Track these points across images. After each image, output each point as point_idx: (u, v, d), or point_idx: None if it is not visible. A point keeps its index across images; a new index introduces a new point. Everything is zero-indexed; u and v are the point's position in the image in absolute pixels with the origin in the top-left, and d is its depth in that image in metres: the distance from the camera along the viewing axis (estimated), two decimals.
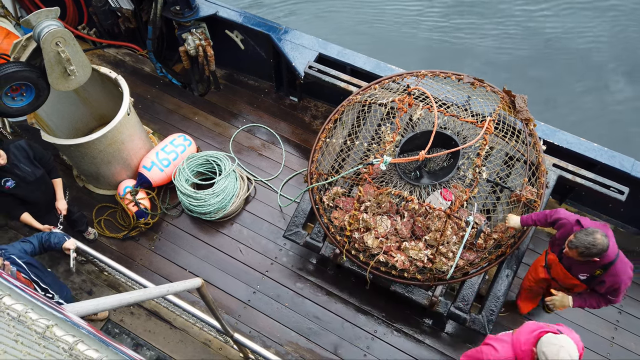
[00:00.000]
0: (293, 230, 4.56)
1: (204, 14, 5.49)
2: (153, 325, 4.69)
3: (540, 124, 4.67)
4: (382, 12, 8.43)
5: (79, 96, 5.35)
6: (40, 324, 1.31)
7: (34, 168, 4.12)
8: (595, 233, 3.23)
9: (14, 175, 3.99)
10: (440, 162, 4.29)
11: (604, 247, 3.24)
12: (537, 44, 7.84)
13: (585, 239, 3.24)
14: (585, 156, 4.60)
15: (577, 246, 3.26)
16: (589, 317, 4.65)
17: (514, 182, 4.07)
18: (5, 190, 3.99)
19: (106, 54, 6.52)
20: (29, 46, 4.01)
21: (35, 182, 4.14)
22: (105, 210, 5.34)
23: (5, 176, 3.96)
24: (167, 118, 6.00)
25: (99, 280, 4.94)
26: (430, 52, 7.92)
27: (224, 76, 6.36)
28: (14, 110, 4.05)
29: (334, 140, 4.44)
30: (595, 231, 3.25)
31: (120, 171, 5.17)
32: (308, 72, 5.14)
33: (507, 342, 2.96)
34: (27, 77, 3.91)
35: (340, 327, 4.67)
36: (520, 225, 3.78)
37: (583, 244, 3.24)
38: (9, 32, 5.50)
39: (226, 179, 5.15)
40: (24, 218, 4.20)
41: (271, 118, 5.98)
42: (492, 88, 4.22)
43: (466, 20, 8.22)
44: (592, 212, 5.21)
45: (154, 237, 5.21)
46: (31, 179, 4.09)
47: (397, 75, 4.56)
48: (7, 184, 3.97)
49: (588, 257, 3.30)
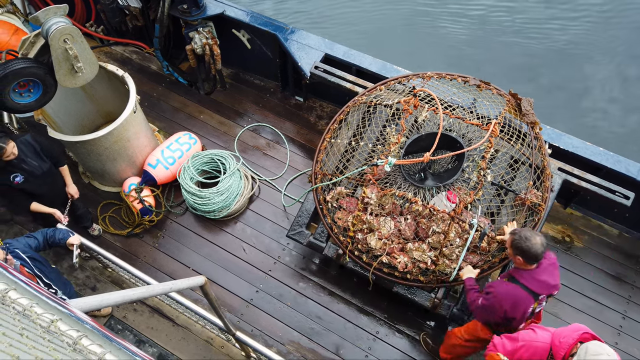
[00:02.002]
0: (296, 230, 4.57)
1: (211, 13, 5.50)
2: (156, 322, 4.71)
3: (546, 127, 4.66)
4: (386, 12, 8.42)
5: (86, 93, 5.38)
6: (45, 319, 1.32)
7: (41, 162, 4.16)
8: (531, 236, 3.11)
9: (22, 170, 4.03)
10: (445, 164, 4.29)
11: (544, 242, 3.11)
12: (544, 48, 7.82)
13: (531, 240, 3.08)
14: (591, 160, 4.58)
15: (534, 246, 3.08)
16: (591, 321, 4.63)
17: (518, 185, 4.06)
18: (15, 186, 4.03)
19: (113, 52, 6.55)
20: (37, 43, 4.03)
21: (42, 175, 4.18)
22: (110, 207, 5.36)
23: (14, 171, 3.99)
24: (173, 116, 6.02)
25: (103, 277, 4.96)
26: (437, 54, 7.91)
27: (230, 75, 6.38)
28: (22, 106, 4.07)
29: (338, 141, 4.44)
30: (529, 235, 3.12)
31: (126, 168, 5.19)
32: (314, 72, 5.15)
33: (548, 331, 2.98)
34: (34, 74, 3.93)
35: (342, 328, 4.67)
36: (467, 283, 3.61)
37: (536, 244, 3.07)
38: (18, 29, 5.54)
39: (230, 177, 5.17)
40: (33, 207, 4.24)
41: (276, 118, 5.99)
42: (498, 91, 4.22)
43: (471, 21, 8.21)
44: (597, 217, 5.19)
45: (158, 235, 5.23)
46: (39, 173, 4.13)
47: (403, 76, 4.56)
48: (16, 179, 4.01)
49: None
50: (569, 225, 5.16)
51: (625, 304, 4.72)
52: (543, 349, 2.92)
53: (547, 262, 3.22)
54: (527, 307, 3.21)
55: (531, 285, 3.17)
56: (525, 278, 3.18)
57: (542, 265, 3.19)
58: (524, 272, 3.20)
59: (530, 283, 3.17)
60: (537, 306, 3.29)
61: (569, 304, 4.73)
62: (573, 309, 4.70)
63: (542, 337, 2.96)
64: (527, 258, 3.12)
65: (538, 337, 2.98)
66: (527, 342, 2.98)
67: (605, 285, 4.81)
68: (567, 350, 2.77)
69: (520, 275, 3.20)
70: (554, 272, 3.23)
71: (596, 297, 4.75)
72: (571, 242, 5.06)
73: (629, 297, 4.75)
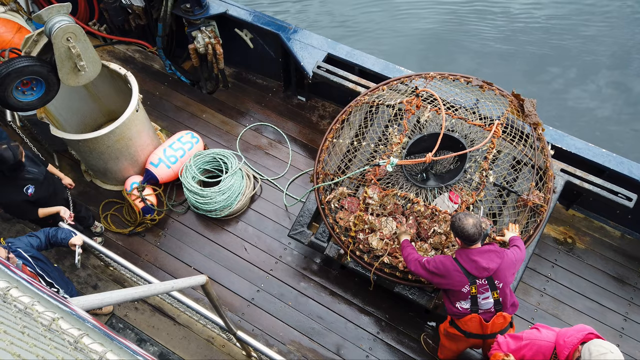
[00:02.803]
0: (298, 230, 4.57)
1: (214, 12, 5.51)
2: (157, 321, 4.71)
3: (548, 128, 4.65)
4: (391, 13, 8.41)
5: (89, 92, 5.39)
6: (46, 317, 1.32)
7: (38, 167, 4.15)
8: (464, 218, 3.24)
9: (29, 180, 4.02)
10: (447, 165, 4.28)
11: (478, 222, 3.24)
12: (548, 49, 7.80)
13: (465, 222, 3.22)
14: (594, 162, 4.56)
15: (466, 228, 3.22)
16: (593, 323, 4.62)
17: (521, 186, 4.05)
18: (30, 198, 4.03)
19: (116, 51, 6.56)
20: (40, 41, 4.04)
21: (45, 180, 4.18)
22: (112, 206, 5.37)
23: (25, 184, 3.98)
24: (175, 115, 6.02)
25: (105, 275, 4.97)
26: (439, 55, 7.90)
27: (232, 74, 6.38)
28: (24, 104, 4.08)
29: (340, 141, 4.44)
30: (462, 216, 3.25)
31: (128, 167, 5.20)
32: (316, 72, 5.14)
33: (553, 330, 3.03)
34: (37, 72, 3.94)
35: (343, 328, 4.67)
36: None
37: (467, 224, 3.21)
38: (21, 27, 5.55)
39: (232, 177, 5.17)
40: (41, 213, 4.19)
41: (278, 117, 5.99)
42: (500, 91, 4.21)
43: (474, 23, 8.19)
44: (600, 219, 5.17)
45: (160, 234, 5.23)
46: (42, 179, 4.13)
47: (405, 76, 4.56)
48: (29, 191, 4.01)
49: (478, 236, 3.25)
50: (571, 226, 5.15)
51: (627, 306, 4.70)
52: (547, 348, 2.95)
53: (489, 247, 3.32)
54: (457, 281, 3.33)
55: (464, 263, 3.31)
56: (461, 256, 3.34)
57: (481, 249, 3.31)
58: (462, 251, 3.36)
59: (464, 261, 3.32)
60: (478, 293, 3.36)
61: (571, 306, 4.72)
62: (574, 311, 4.69)
63: (547, 336, 3.00)
64: (461, 238, 3.28)
65: (542, 336, 3.01)
66: (531, 341, 3.02)
67: (607, 287, 4.80)
68: (571, 350, 2.78)
69: (458, 254, 3.37)
70: (490, 257, 3.29)
71: (598, 299, 4.74)
72: (573, 243, 5.05)
73: (630, 299, 4.73)
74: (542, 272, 4.89)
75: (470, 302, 3.41)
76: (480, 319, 3.45)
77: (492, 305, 3.42)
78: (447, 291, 3.50)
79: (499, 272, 3.32)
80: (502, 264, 3.31)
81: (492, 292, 3.37)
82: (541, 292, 4.79)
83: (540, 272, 4.89)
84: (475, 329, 3.52)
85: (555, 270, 4.90)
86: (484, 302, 3.40)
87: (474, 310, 3.43)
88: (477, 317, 3.45)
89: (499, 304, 3.42)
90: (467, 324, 3.51)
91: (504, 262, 3.32)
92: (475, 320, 3.46)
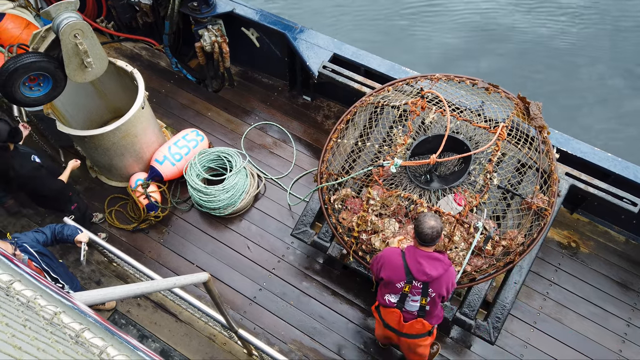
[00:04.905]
0: (301, 229, 4.57)
1: (220, 11, 5.52)
2: (159, 318, 4.73)
3: (554, 131, 4.62)
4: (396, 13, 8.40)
5: (95, 88, 5.41)
6: (48, 311, 1.33)
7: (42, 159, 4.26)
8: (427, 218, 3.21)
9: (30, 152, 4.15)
10: (451, 167, 4.27)
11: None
12: (555, 52, 7.77)
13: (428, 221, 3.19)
14: (599, 166, 4.54)
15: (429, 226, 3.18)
16: (596, 328, 4.60)
17: (525, 189, 4.03)
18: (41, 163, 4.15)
19: (123, 48, 6.58)
20: (48, 37, 4.07)
21: (52, 171, 4.26)
22: (116, 202, 5.39)
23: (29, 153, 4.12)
24: (181, 113, 6.04)
25: (108, 271, 4.99)
26: (446, 56, 7.88)
27: (238, 73, 6.40)
28: (31, 100, 4.11)
29: (345, 141, 4.44)
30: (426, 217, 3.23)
31: (133, 164, 5.22)
32: (322, 71, 5.14)
33: None
34: (45, 68, 3.96)
35: (344, 328, 4.67)
36: None
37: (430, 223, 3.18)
38: (29, 23, 5.59)
39: (237, 175, 5.18)
40: (64, 177, 4.33)
41: (283, 116, 6.00)
42: (506, 94, 4.19)
43: (479, 24, 8.17)
44: (604, 223, 5.15)
45: (164, 231, 5.25)
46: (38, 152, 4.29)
47: (411, 78, 4.55)
48: (35, 159, 4.13)
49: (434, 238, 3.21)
50: (575, 230, 5.12)
51: (630, 312, 4.68)
52: None
53: (438, 256, 3.29)
54: (395, 273, 3.34)
55: (410, 260, 3.31)
56: (410, 252, 3.33)
57: (430, 254, 3.28)
58: (413, 249, 3.34)
59: (410, 258, 3.31)
60: (409, 294, 3.36)
61: (574, 310, 4.69)
62: (577, 315, 4.67)
63: None
64: (416, 236, 3.25)
65: None
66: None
67: (610, 292, 4.78)
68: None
69: (408, 250, 3.37)
70: (435, 265, 3.26)
71: (601, 304, 4.72)
72: (577, 247, 5.03)
73: (634, 304, 4.71)
74: (545, 276, 4.87)
75: (399, 298, 3.43)
76: (401, 316, 3.48)
77: (417, 310, 3.44)
78: (382, 280, 3.52)
79: (437, 282, 3.30)
80: (444, 275, 3.29)
81: (423, 297, 3.37)
82: (544, 296, 4.77)
83: (544, 275, 4.87)
84: (393, 323, 3.57)
85: (558, 275, 4.88)
86: (411, 304, 3.43)
87: (399, 306, 3.46)
88: (398, 314, 3.48)
89: (424, 311, 3.43)
90: (387, 316, 3.57)
91: (446, 275, 3.31)
92: (396, 316, 3.50)
